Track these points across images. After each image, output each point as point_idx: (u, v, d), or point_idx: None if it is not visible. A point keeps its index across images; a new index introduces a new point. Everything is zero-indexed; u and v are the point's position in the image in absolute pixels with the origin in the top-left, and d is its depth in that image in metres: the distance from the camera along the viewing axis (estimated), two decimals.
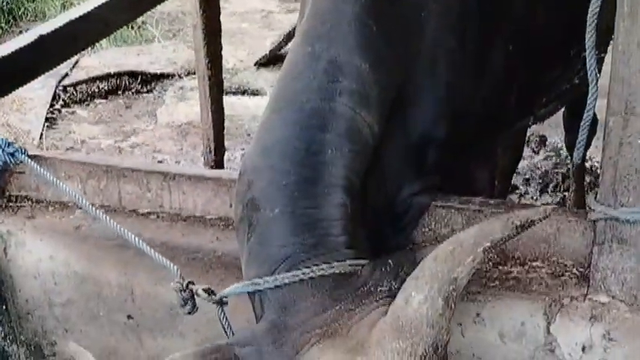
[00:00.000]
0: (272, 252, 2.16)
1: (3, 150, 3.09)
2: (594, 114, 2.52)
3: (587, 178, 5.08)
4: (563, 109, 4.44)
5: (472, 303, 2.60)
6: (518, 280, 2.62)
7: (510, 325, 2.57)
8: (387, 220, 2.60)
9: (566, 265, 2.63)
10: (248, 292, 2.21)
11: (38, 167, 2.99)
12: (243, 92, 7.01)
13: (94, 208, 2.76)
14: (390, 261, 2.17)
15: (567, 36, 3.32)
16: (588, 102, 2.47)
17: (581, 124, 2.49)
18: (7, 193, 3.23)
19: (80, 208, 2.98)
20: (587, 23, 2.37)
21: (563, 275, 2.61)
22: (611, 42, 2.36)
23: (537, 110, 3.65)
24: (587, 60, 2.42)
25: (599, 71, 3.11)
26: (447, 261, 1.98)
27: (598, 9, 2.36)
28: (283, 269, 2.13)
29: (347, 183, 2.25)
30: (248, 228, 2.23)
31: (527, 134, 5.36)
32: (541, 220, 2.09)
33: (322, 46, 2.40)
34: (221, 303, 2.30)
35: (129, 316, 2.98)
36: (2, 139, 3.10)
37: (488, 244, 1.98)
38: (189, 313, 2.36)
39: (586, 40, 2.38)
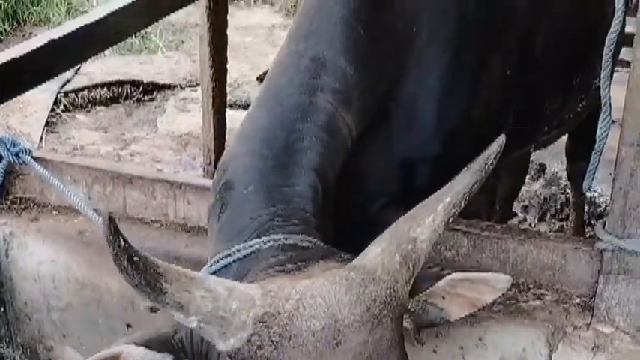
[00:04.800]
0: (244, 224, 2.12)
1: (8, 150, 3.08)
2: None
3: (586, 208, 5.08)
4: (564, 138, 4.45)
5: (475, 327, 2.60)
6: (522, 306, 2.62)
7: (512, 350, 2.57)
8: (362, 229, 2.60)
9: (570, 294, 2.63)
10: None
11: (38, 167, 2.98)
12: (245, 106, 7.00)
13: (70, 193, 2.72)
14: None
15: (570, 64, 3.33)
16: (600, 131, 2.48)
17: (593, 152, 2.49)
18: (12, 196, 3.22)
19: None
20: (604, 52, 2.38)
21: (567, 303, 2.61)
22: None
23: (539, 137, 3.66)
24: (602, 90, 2.43)
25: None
26: (408, 221, 1.93)
27: (615, 40, 2.37)
28: (254, 237, 2.07)
29: (321, 170, 2.24)
30: (220, 208, 2.20)
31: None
32: (498, 154, 2.00)
33: (308, 44, 2.42)
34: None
35: (128, 325, 2.97)
36: (8, 138, 3.08)
37: (448, 199, 1.92)
38: (153, 310, 2.30)
39: (602, 68, 2.39)
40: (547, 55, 3.18)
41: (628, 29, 2.85)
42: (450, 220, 1.93)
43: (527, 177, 5.61)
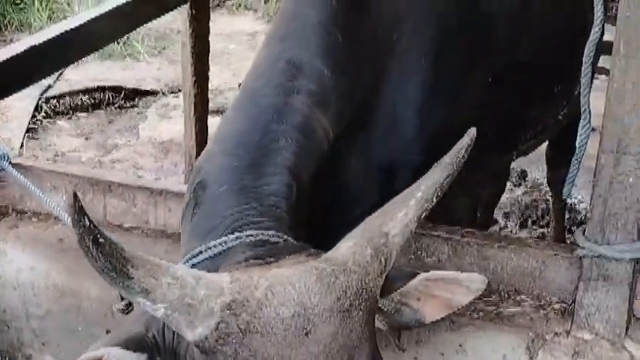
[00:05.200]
0: (217, 222, 2.11)
1: None
2: None
3: (567, 214, 5.10)
4: (545, 144, 4.47)
5: (455, 333, 2.60)
6: (502, 313, 2.63)
7: (492, 357, 2.58)
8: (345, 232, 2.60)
9: (550, 300, 2.64)
10: None
11: (16, 173, 2.95)
12: None
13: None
14: None
15: (551, 72, 3.35)
16: (580, 138, 2.49)
17: (573, 159, 2.50)
18: None
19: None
20: (584, 61, 2.40)
21: (547, 310, 2.62)
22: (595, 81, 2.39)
23: (521, 144, 3.67)
24: (582, 97, 2.45)
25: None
26: (380, 217, 1.94)
27: (594, 48, 2.39)
28: (227, 234, 2.05)
29: (296, 170, 2.23)
30: (194, 208, 2.19)
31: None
32: (469, 147, 2.00)
33: (284, 47, 2.43)
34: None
35: (108, 331, 2.95)
36: None
37: (420, 193, 1.93)
38: (125, 312, 2.29)
39: (582, 77, 2.41)
40: (529, 62, 3.20)
41: (607, 37, 2.87)
42: (423, 215, 1.93)
43: (508, 184, 5.64)
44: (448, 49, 2.79)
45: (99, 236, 1.63)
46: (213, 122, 5.37)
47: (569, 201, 5.10)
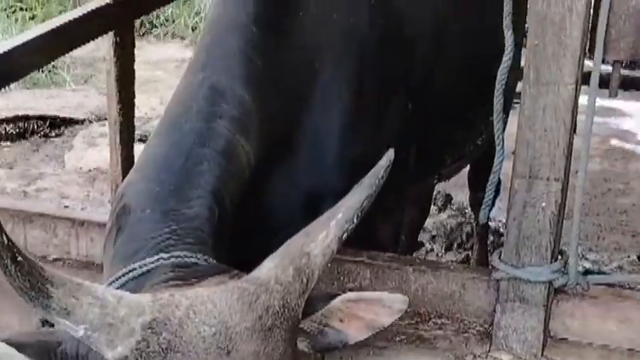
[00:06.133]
0: (140, 245, 2.10)
1: None
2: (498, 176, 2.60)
3: (491, 237, 5.19)
4: (468, 169, 4.56)
5: (378, 357, 2.62)
6: (424, 336, 2.66)
7: None
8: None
9: (469, 323, 2.68)
10: None
11: None
12: None
13: None
14: None
15: (470, 99, 3.43)
16: (495, 163, 2.56)
17: (487, 184, 2.57)
18: None
19: None
20: (496, 88, 2.47)
21: (466, 332, 2.66)
22: (515, 106, 2.46)
23: (441, 169, 3.74)
24: (495, 123, 2.52)
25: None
26: (301, 238, 1.96)
27: (506, 76, 2.46)
28: (150, 256, 2.04)
29: (219, 193, 2.25)
30: (117, 233, 2.18)
31: (434, 192, 5.47)
32: (388, 167, 2.05)
33: (205, 74, 2.45)
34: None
35: None
36: None
37: (340, 215, 1.96)
38: (46, 322, 2.26)
39: (494, 104, 2.48)
40: (447, 90, 3.27)
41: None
42: (344, 235, 1.96)
43: (434, 207, 5.72)
44: (368, 76, 2.84)
45: (17, 254, 1.61)
46: (140, 150, 5.35)
47: (492, 224, 5.19)
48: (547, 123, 2.36)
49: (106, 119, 6.94)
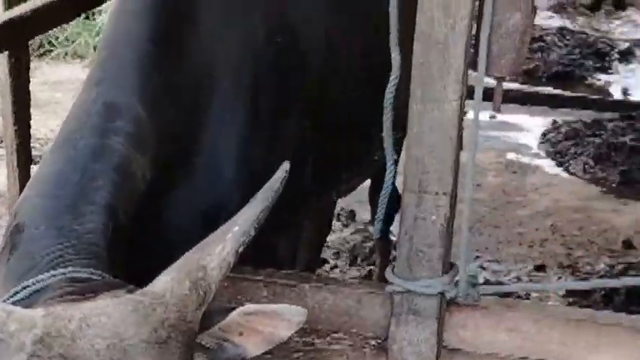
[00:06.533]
0: (34, 262, 2.07)
1: None
2: (397, 190, 2.64)
3: (394, 252, 5.25)
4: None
5: None
6: (321, 351, 2.69)
7: None
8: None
9: (366, 337, 2.71)
10: None
11: None
12: None
13: None
14: None
15: (366, 115, 3.48)
16: (386, 179, 2.61)
17: (380, 199, 2.61)
18: None
19: None
20: (385, 105, 2.51)
21: (364, 347, 2.69)
22: None
23: (339, 185, 3.77)
24: (385, 139, 2.57)
25: (400, 150, 3.27)
26: (197, 251, 1.98)
27: (394, 92, 2.51)
28: (45, 271, 2.02)
29: (114, 209, 2.24)
30: (10, 251, 2.15)
31: (338, 209, 5.52)
32: (283, 179, 2.09)
33: (100, 90, 2.44)
34: None
35: None
36: None
37: (236, 228, 1.99)
38: None
39: (384, 121, 2.52)
40: (343, 105, 3.31)
41: None
42: (241, 249, 1.99)
43: (338, 224, 5.77)
44: (264, 90, 2.87)
45: None
46: None
47: (393, 239, 5.26)
48: (434, 139, 2.41)
49: (1, 142, 6.82)
